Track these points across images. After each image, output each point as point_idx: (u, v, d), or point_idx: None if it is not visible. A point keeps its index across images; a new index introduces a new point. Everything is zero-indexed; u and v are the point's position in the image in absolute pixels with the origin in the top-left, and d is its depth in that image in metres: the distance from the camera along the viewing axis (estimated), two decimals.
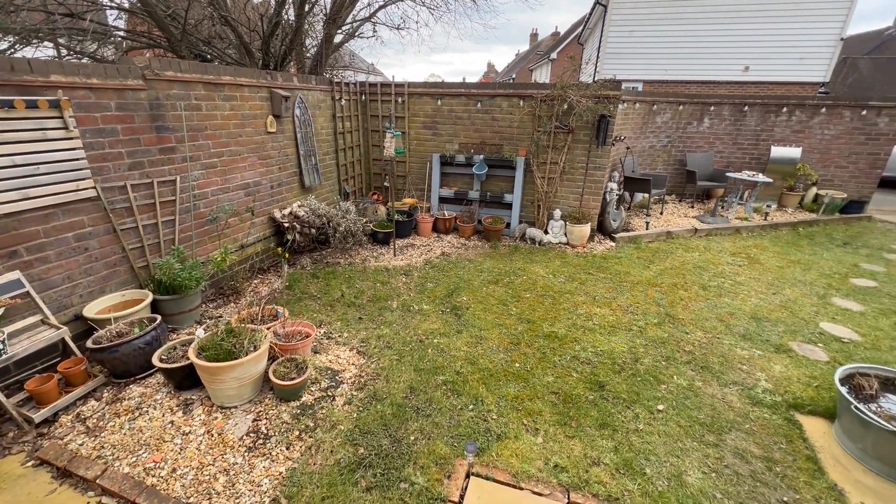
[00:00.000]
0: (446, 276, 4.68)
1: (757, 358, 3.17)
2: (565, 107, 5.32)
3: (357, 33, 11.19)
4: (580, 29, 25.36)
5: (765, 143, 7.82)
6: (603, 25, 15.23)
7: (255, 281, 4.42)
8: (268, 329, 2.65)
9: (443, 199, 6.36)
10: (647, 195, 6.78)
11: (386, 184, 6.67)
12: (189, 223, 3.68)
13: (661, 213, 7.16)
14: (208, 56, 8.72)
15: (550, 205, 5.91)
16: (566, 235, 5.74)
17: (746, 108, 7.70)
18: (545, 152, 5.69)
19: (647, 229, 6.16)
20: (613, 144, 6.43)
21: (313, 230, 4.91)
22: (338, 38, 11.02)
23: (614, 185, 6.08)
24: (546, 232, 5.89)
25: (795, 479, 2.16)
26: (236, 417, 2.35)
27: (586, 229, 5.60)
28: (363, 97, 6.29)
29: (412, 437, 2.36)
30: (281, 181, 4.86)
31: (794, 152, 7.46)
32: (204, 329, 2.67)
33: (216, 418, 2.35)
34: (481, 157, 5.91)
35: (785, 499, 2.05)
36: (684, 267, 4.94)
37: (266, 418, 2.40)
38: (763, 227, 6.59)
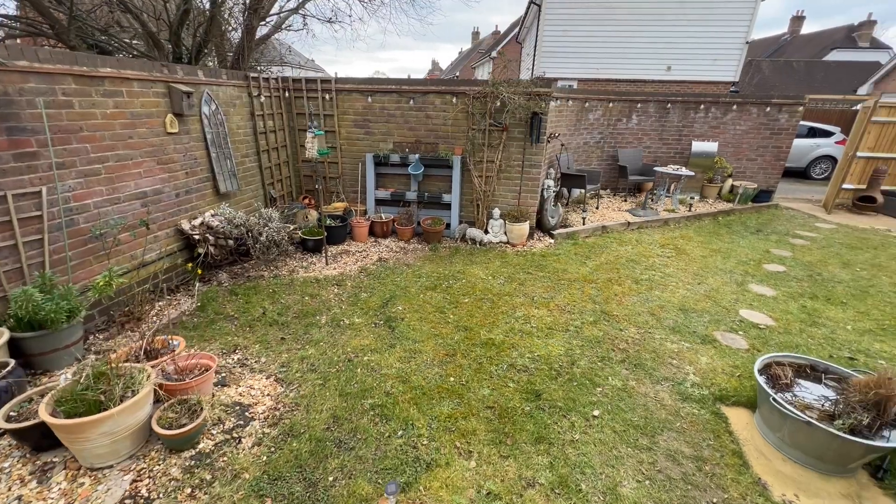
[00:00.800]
0: (382, 284, 4.40)
1: (685, 351, 3.23)
2: (498, 104, 5.22)
3: (285, 26, 10.48)
4: (518, 28, 25.93)
5: (686, 139, 8.31)
6: (538, 25, 15.57)
7: (161, 303, 3.87)
8: (154, 366, 2.24)
9: (379, 202, 6.05)
10: (583, 191, 6.93)
11: (318, 186, 6.24)
12: (62, 242, 3.10)
13: (597, 208, 7.36)
14: (110, 48, 7.71)
15: (489, 204, 5.82)
16: (506, 234, 5.68)
17: (669, 105, 8.13)
18: (481, 151, 5.57)
19: (583, 224, 6.27)
20: (549, 141, 6.47)
21: (231, 241, 4.42)
22: (264, 31, 10.27)
23: (551, 182, 6.11)
24: (486, 231, 5.79)
25: (724, 476, 2.16)
26: (109, 481, 1.94)
27: (525, 227, 5.56)
28: (287, 94, 5.81)
29: (331, 478, 2.09)
30: (189, 188, 4.32)
31: (711, 147, 7.98)
32: (73, 372, 2.21)
33: (82, 485, 1.92)
34: (417, 156, 5.68)
35: (714, 500, 2.03)
36: (618, 261, 5.05)
37: (150, 476, 2.01)
38: (688, 218, 6.97)
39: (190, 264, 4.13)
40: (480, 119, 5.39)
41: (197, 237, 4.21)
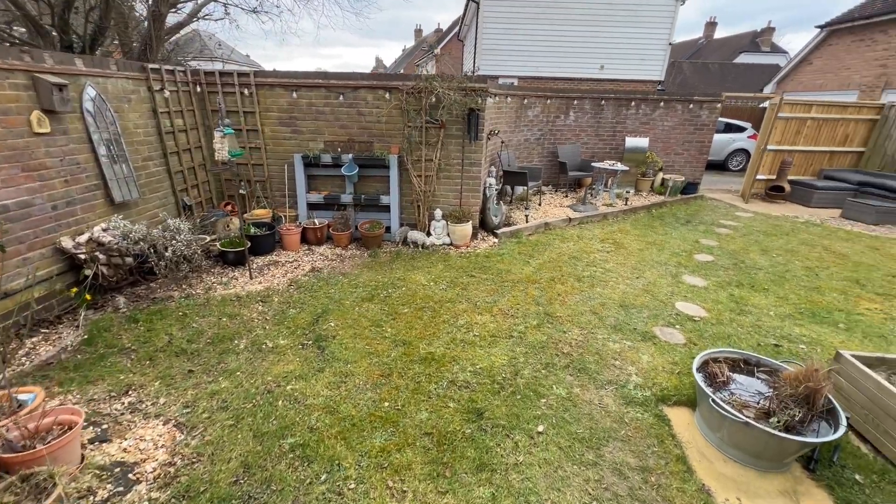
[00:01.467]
0: (314, 297, 4.01)
1: (627, 350, 3.19)
2: (433, 100, 4.98)
3: (203, 14, 9.53)
4: (459, 26, 25.96)
5: (620, 135, 8.60)
6: (477, 22, 15.57)
7: (36, 339, 3.21)
8: None
9: (312, 206, 5.59)
10: (525, 188, 6.90)
11: (242, 191, 5.65)
12: None
13: (540, 205, 7.38)
14: None
15: (431, 204, 5.58)
16: (449, 236, 5.47)
17: (603, 102, 8.35)
18: (419, 149, 5.31)
19: (526, 222, 6.22)
20: (489, 139, 6.34)
21: (129, 259, 3.79)
22: (178, 19, 9.26)
23: (492, 181, 5.99)
24: (429, 234, 5.55)
25: (669, 486, 2.07)
26: None
27: (468, 228, 5.39)
28: (199, 88, 5.17)
29: None
30: (71, 198, 3.64)
31: (643, 142, 8.32)
32: None
33: None
34: (350, 156, 5.29)
35: None
36: (561, 259, 5.02)
37: None
38: (625, 212, 7.18)
39: (74, 289, 3.48)
40: (416, 116, 5.12)
41: (83, 256, 3.56)
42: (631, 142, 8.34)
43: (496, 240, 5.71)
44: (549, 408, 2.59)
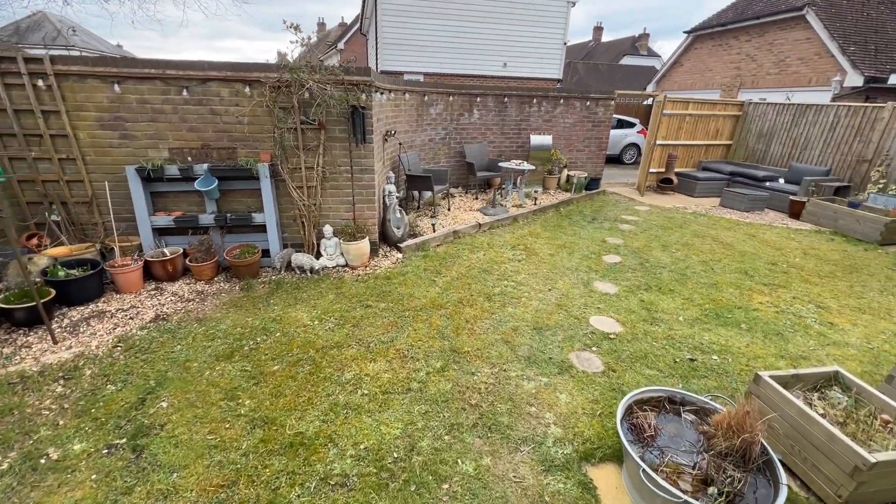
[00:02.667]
0: (148, 362, 2.96)
1: (543, 389, 2.74)
2: (306, 95, 4.12)
3: None
4: (361, 19, 24.70)
5: (525, 133, 8.47)
6: (376, 15, 14.69)
7: None
8: None
9: (162, 231, 4.39)
10: (431, 193, 6.32)
11: (54, 217, 4.23)
12: None
13: (449, 210, 6.88)
14: None
15: (318, 220, 4.71)
16: (343, 256, 4.67)
17: (506, 99, 8.12)
18: (296, 155, 4.40)
19: (434, 232, 5.65)
20: (386, 140, 5.63)
21: None
22: None
23: (392, 188, 5.30)
24: (318, 255, 4.69)
25: None
26: None
27: (364, 245, 4.64)
28: None
29: None
30: None
31: (547, 140, 8.27)
32: None
33: None
34: (206, 166, 4.20)
35: None
36: (470, 273, 4.51)
37: None
38: (535, 212, 6.99)
39: None
40: (287, 115, 4.21)
41: None
42: (536, 140, 8.24)
43: (400, 255, 5.04)
44: (452, 497, 1.99)
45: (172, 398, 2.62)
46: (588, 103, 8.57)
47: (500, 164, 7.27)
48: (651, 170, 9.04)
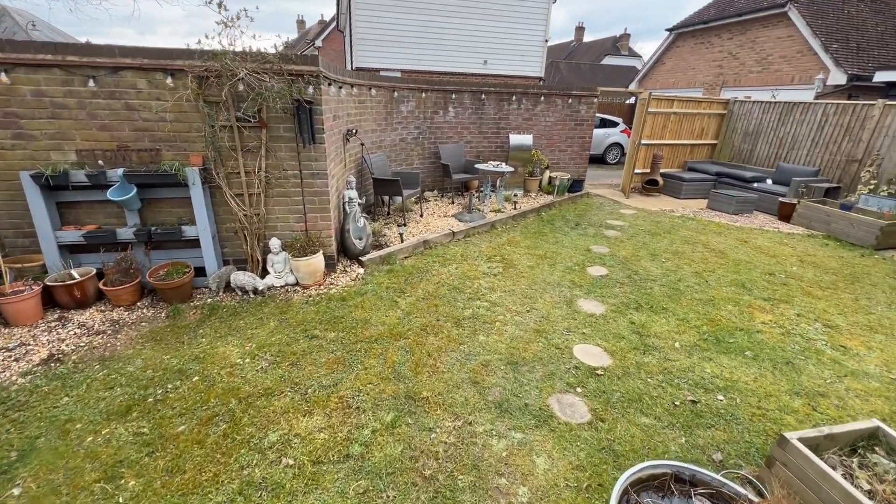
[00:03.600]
0: (18, 425, 2.32)
1: (517, 450, 2.20)
2: (240, 87, 3.50)
3: None
4: (337, 14, 23.95)
5: (504, 132, 7.97)
6: (350, 9, 14.02)
7: None
8: None
9: (73, 248, 3.70)
10: (401, 198, 5.74)
11: None
12: None
13: (422, 216, 6.31)
14: None
15: (263, 233, 4.09)
16: (293, 273, 4.06)
17: (484, 96, 7.59)
18: (233, 158, 3.77)
19: (402, 242, 5.07)
20: (347, 140, 5.04)
21: None
22: None
23: (353, 194, 4.72)
24: (264, 273, 4.07)
25: None
26: None
27: (317, 261, 4.03)
28: None
29: None
30: None
31: (527, 139, 7.78)
32: None
33: None
34: (121, 170, 3.54)
35: None
36: (439, 292, 3.95)
37: None
38: (514, 217, 6.48)
39: None
40: (218, 111, 3.58)
41: None
42: (515, 139, 7.74)
43: (361, 270, 4.45)
44: None
45: (32, 480, 1.99)
46: (570, 101, 8.12)
47: (477, 165, 6.74)
48: (636, 170, 8.65)
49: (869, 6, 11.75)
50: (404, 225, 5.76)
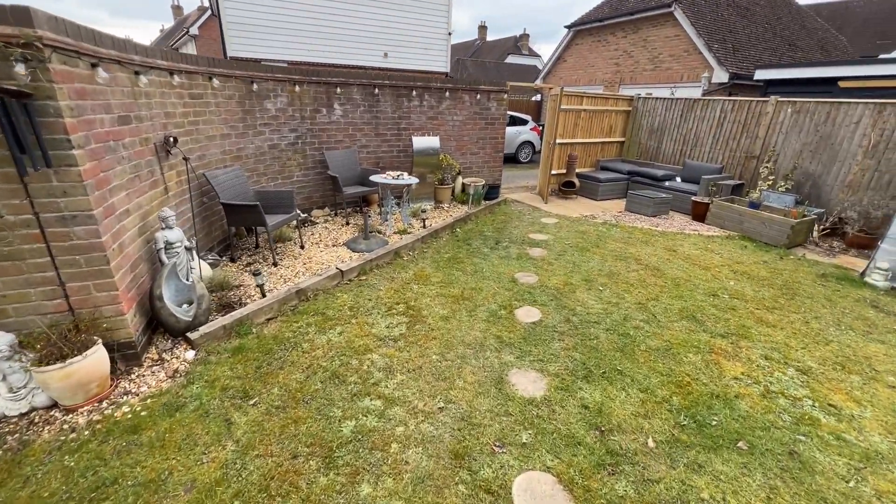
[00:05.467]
0: None
1: None
2: None
3: None
4: None
5: (406, 133, 6.73)
6: None
7: None
8: None
9: None
10: (265, 228, 4.17)
11: None
12: None
13: (303, 248, 4.80)
14: None
15: None
16: (45, 389, 2.37)
17: (377, 90, 6.26)
18: None
19: (262, 296, 3.56)
20: (168, 152, 3.37)
21: None
22: None
23: (174, 235, 3.10)
24: None
25: None
26: None
27: (89, 364, 2.37)
28: None
29: None
30: None
31: (433, 142, 6.64)
32: None
33: None
34: None
35: None
36: (307, 389, 2.58)
37: None
38: (424, 239, 5.28)
39: None
40: None
41: None
42: (420, 142, 6.54)
43: (191, 355, 2.88)
44: None
45: None
46: (479, 97, 7.15)
47: (374, 178, 5.41)
48: (552, 171, 8.02)
49: (736, 11, 12.76)
50: (274, 264, 4.22)
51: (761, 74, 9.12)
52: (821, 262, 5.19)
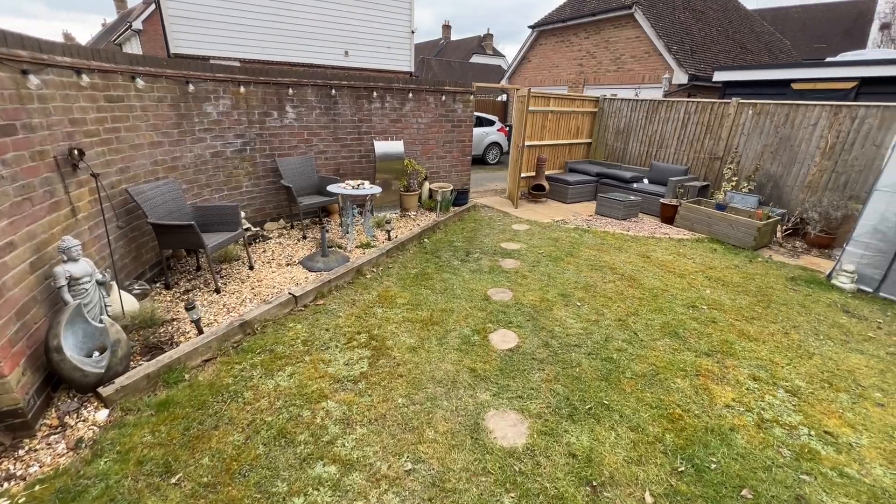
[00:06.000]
0: None
1: None
2: None
3: None
4: None
5: (369, 138, 6.30)
6: None
7: None
8: None
9: None
10: (204, 250, 3.64)
11: None
12: None
13: (252, 268, 4.29)
14: None
15: None
16: None
17: (335, 91, 5.79)
18: None
19: (199, 332, 3.06)
20: (76, 168, 2.81)
21: None
22: None
23: (79, 268, 2.57)
24: None
25: None
26: None
27: None
28: None
29: None
30: None
31: (397, 146, 6.24)
32: None
33: None
34: None
35: None
36: (244, 456, 2.13)
37: None
38: (390, 253, 4.89)
39: None
40: None
41: None
42: (382, 147, 6.12)
43: (103, 416, 2.36)
44: None
45: None
46: (444, 98, 6.81)
47: (332, 187, 4.95)
48: (521, 174, 7.81)
49: (690, 14, 13.09)
50: (217, 291, 3.70)
51: (720, 76, 9.32)
52: (787, 263, 5.22)
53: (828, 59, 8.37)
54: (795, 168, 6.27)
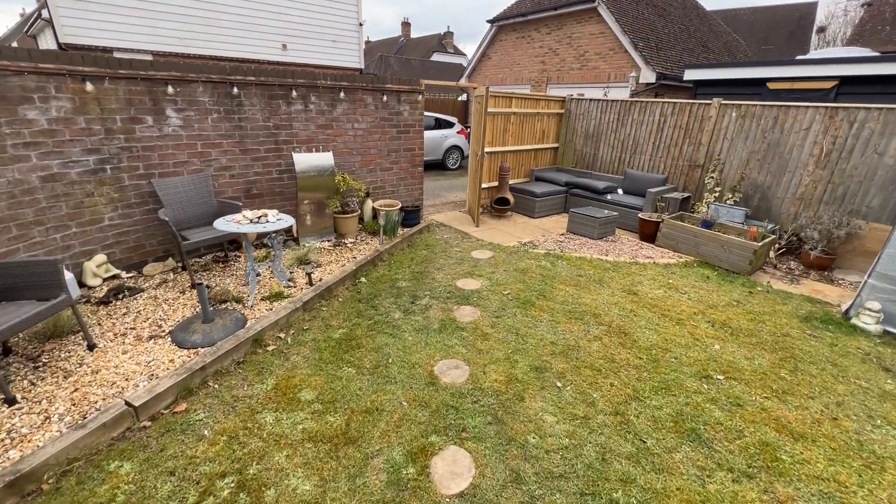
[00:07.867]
0: None
1: None
2: None
3: None
4: None
5: (289, 148, 5.01)
6: None
7: None
8: None
9: None
10: (19, 322, 2.29)
11: None
12: None
13: (92, 348, 2.92)
14: None
15: None
16: None
17: (238, 90, 4.46)
18: None
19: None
20: None
21: None
22: None
23: None
24: None
25: None
26: None
27: None
28: None
29: None
30: None
31: (324, 159, 4.99)
32: None
33: None
34: None
35: None
36: None
37: None
38: (308, 305, 3.65)
39: None
40: None
41: None
42: (303, 160, 4.85)
43: None
44: None
45: None
46: (386, 98, 5.62)
47: (218, 223, 3.62)
48: (482, 185, 6.75)
49: (654, 11, 12.55)
50: (9, 403, 2.34)
51: (691, 74, 8.67)
52: (791, 293, 4.45)
53: (807, 57, 7.87)
54: (786, 177, 5.56)
